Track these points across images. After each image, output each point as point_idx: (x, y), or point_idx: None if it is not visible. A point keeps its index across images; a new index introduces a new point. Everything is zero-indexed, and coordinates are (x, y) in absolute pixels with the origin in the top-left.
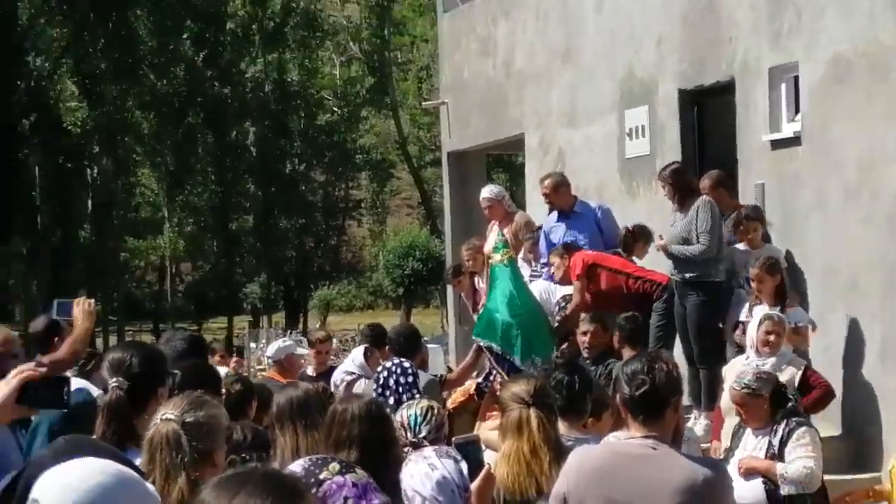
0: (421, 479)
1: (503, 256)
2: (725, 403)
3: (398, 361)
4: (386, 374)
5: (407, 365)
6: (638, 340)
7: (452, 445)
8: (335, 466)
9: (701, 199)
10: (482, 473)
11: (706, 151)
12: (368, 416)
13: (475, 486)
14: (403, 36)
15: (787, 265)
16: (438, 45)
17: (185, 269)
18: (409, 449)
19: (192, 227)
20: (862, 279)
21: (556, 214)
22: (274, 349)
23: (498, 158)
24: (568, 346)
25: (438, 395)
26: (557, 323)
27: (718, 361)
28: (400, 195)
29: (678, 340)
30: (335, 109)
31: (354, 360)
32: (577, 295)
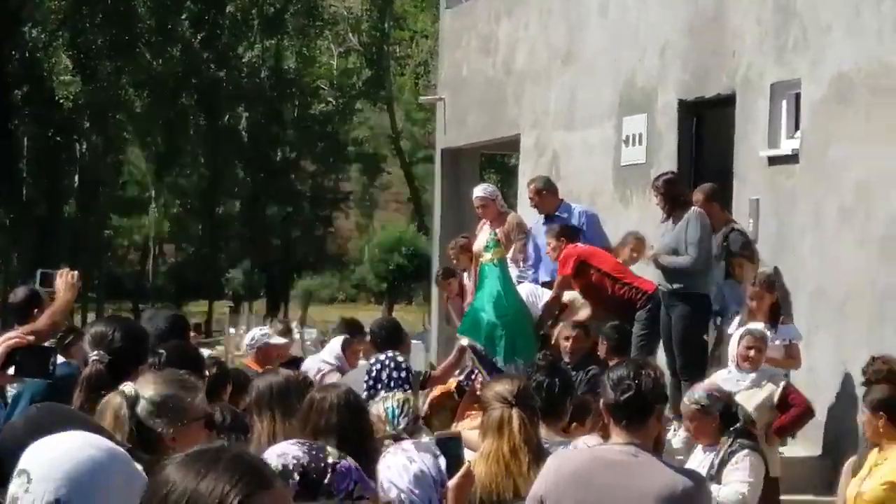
0: (398, 471)
1: (493, 255)
2: None
3: (392, 355)
4: (379, 367)
5: (401, 359)
6: (625, 349)
7: (433, 440)
8: (334, 452)
9: (692, 210)
10: (461, 470)
11: (702, 163)
12: (347, 405)
13: (453, 482)
14: (403, 30)
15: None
16: (439, 40)
17: (168, 250)
18: (389, 441)
19: (178, 209)
20: (851, 301)
21: (542, 217)
22: (250, 338)
23: (490, 158)
24: (550, 349)
25: (417, 390)
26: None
27: (701, 374)
28: (389, 190)
29: (661, 351)
30: (330, 100)
31: (332, 350)
32: (557, 288)
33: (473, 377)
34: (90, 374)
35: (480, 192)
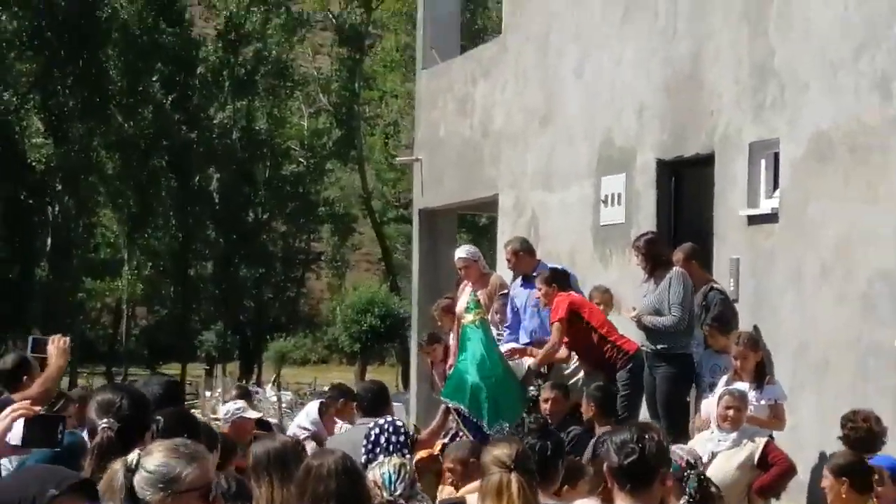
0: None
1: (475, 317)
2: None
3: (391, 419)
4: (377, 431)
5: (399, 424)
6: (612, 409)
7: None
8: None
9: (674, 270)
10: None
11: (681, 223)
12: (345, 471)
13: None
14: (373, 90)
15: None
16: (415, 101)
17: (140, 312)
18: None
19: (150, 270)
20: (833, 359)
21: (520, 279)
22: (225, 411)
23: (462, 218)
24: (538, 411)
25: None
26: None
27: (686, 434)
28: (360, 250)
29: (644, 411)
30: (301, 160)
31: (309, 414)
32: (556, 334)
33: (458, 440)
34: (101, 441)
35: (463, 253)
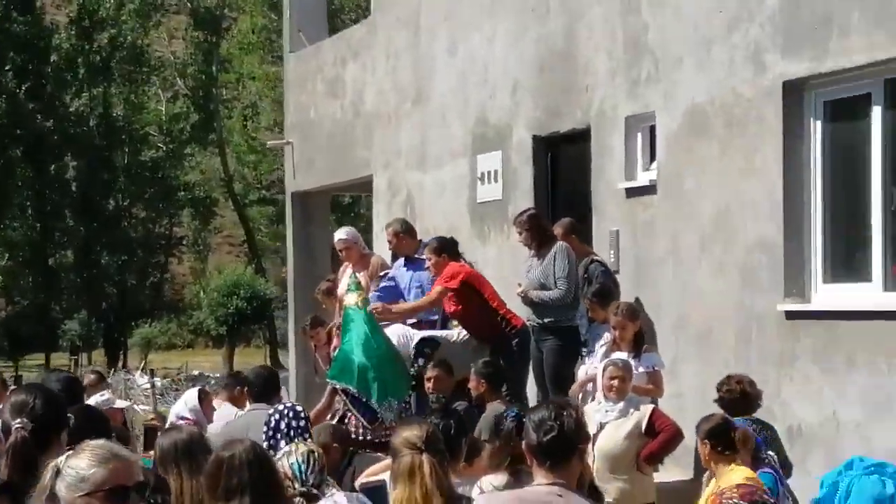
0: None
1: (358, 298)
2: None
3: (291, 405)
4: (277, 416)
5: (300, 408)
6: (500, 384)
7: (358, 490)
8: None
9: (558, 244)
10: None
11: (559, 198)
12: (257, 461)
13: None
14: (230, 73)
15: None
16: (284, 85)
17: None
18: (299, 499)
19: (8, 262)
20: (715, 328)
21: (402, 260)
22: (93, 402)
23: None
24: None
25: None
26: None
27: None
28: (222, 233)
29: (531, 385)
30: (160, 145)
31: (188, 402)
32: (434, 295)
33: (346, 421)
34: (16, 441)
35: (343, 234)
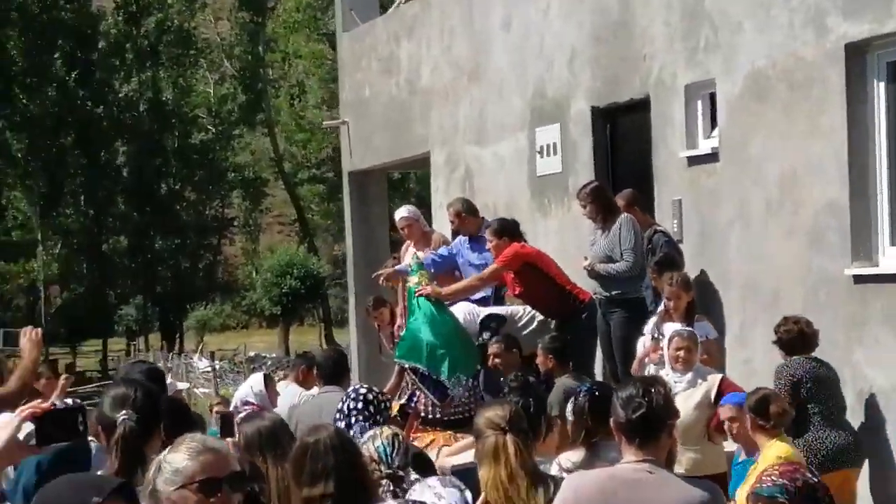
0: None
1: (420, 278)
2: None
3: (358, 388)
4: (347, 400)
5: (363, 390)
6: (567, 359)
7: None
8: None
9: (623, 216)
10: (479, 502)
11: (619, 169)
12: (342, 446)
13: None
14: (276, 52)
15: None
16: (338, 64)
17: (53, 291)
18: (386, 481)
19: (64, 249)
20: (783, 293)
21: (466, 238)
22: None
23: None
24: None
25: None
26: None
27: None
28: (272, 213)
29: (599, 358)
30: (209, 128)
31: (254, 386)
32: (489, 273)
33: (415, 400)
34: (125, 432)
35: (404, 212)
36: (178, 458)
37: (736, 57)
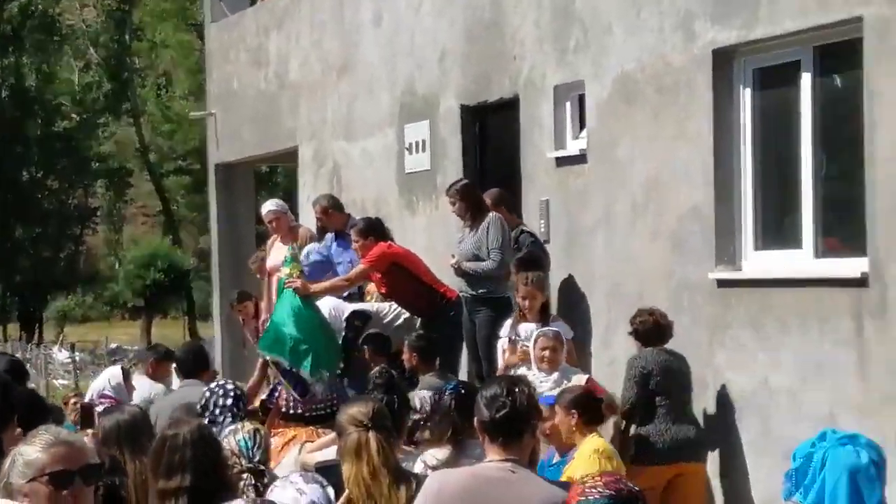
0: None
1: (291, 270)
2: None
3: (222, 383)
4: (208, 394)
5: (230, 387)
6: (433, 357)
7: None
8: None
9: (491, 215)
10: (342, 499)
11: (487, 168)
12: (202, 440)
13: None
14: (143, 41)
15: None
16: (206, 55)
17: None
18: (247, 475)
19: None
20: (647, 295)
21: (333, 235)
22: None
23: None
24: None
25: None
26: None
27: None
28: (137, 204)
29: (464, 357)
30: (73, 116)
31: (111, 380)
32: (357, 273)
33: (277, 394)
34: None
35: (272, 205)
36: (30, 450)
37: (605, 59)
